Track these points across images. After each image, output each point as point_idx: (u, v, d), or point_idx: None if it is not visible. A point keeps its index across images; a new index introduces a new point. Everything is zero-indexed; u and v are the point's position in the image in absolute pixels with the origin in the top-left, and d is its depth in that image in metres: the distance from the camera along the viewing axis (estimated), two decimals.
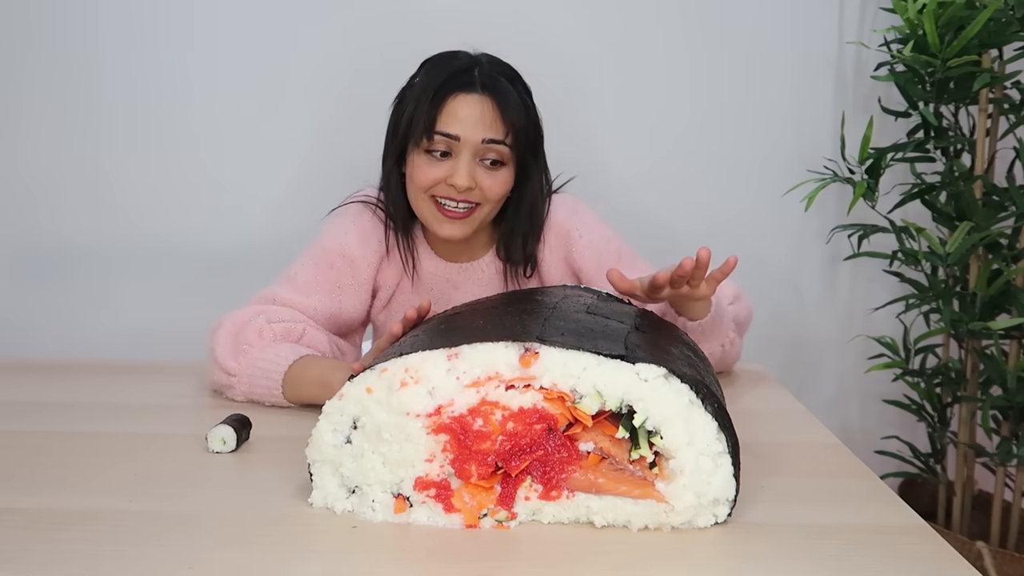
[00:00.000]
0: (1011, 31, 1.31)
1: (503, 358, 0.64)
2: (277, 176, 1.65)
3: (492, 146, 1.06)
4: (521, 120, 1.09)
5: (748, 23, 1.62)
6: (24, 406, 0.97)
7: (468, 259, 1.20)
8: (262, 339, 1.02)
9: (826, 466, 0.81)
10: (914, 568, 0.60)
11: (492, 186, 1.08)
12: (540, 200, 1.15)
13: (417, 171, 1.08)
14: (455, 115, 1.05)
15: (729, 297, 1.12)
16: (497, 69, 1.10)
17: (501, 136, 1.06)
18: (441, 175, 1.06)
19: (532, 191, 1.14)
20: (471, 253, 1.20)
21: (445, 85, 1.06)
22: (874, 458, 1.58)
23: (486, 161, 1.07)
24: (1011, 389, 1.35)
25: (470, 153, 1.06)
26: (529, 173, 1.13)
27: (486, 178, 1.07)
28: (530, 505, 0.66)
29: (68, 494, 0.71)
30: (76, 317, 1.67)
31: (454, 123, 1.05)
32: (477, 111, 1.06)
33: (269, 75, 1.62)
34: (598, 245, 1.17)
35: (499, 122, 1.06)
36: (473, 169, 1.06)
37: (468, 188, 1.06)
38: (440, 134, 1.05)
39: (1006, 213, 1.37)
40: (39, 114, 1.62)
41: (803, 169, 1.60)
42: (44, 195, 1.65)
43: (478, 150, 1.06)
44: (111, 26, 1.60)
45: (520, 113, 1.09)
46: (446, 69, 1.08)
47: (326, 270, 1.14)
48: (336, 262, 1.14)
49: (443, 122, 1.05)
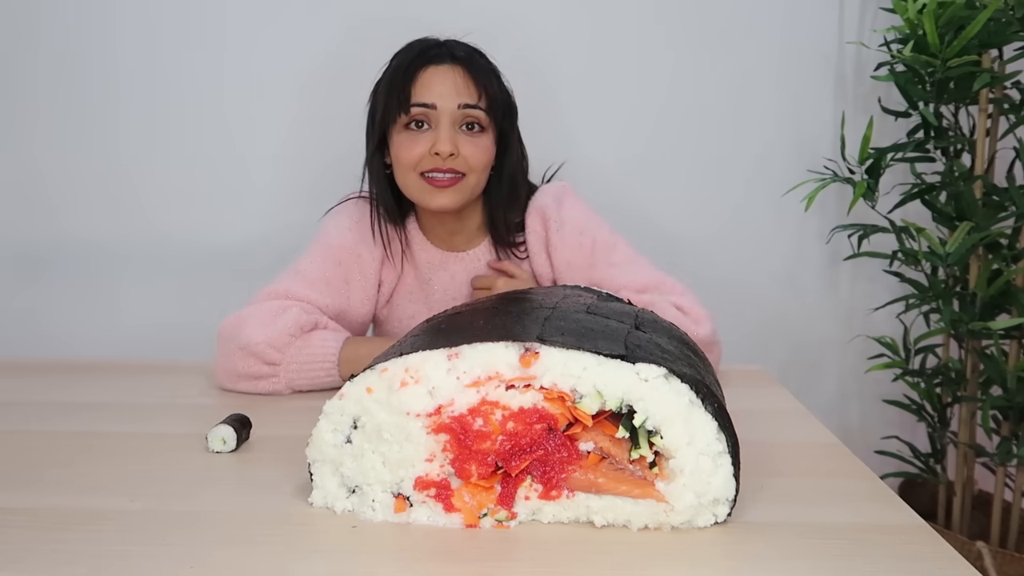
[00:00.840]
0: (1011, 31, 1.31)
1: (503, 358, 0.64)
2: (279, 176, 1.65)
3: (469, 111, 1.09)
4: (493, 86, 1.12)
5: (748, 23, 1.62)
6: (24, 406, 0.97)
7: (464, 247, 1.21)
8: (303, 330, 1.05)
9: (826, 466, 0.81)
10: (914, 568, 0.60)
11: (474, 152, 1.10)
12: (520, 171, 1.18)
13: (401, 150, 1.10)
14: (429, 86, 1.09)
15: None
16: (464, 45, 1.14)
17: (476, 100, 1.10)
18: (424, 147, 1.09)
19: (511, 162, 1.17)
20: (466, 240, 1.21)
21: (416, 60, 1.10)
22: (874, 458, 1.58)
23: (465, 128, 1.10)
24: (1011, 389, 1.35)
25: (449, 120, 1.09)
26: (508, 144, 1.16)
27: (468, 145, 1.10)
28: (530, 505, 0.66)
29: (69, 494, 0.72)
30: (77, 317, 1.68)
31: (428, 93, 1.08)
32: (450, 79, 1.09)
33: (273, 74, 1.62)
34: (570, 239, 1.17)
35: (472, 87, 1.10)
36: (454, 136, 1.09)
37: (451, 155, 1.08)
38: (416, 105, 1.08)
39: (1006, 213, 1.37)
40: (40, 115, 1.63)
41: (803, 169, 1.60)
42: (44, 195, 1.65)
43: (456, 116, 1.09)
44: (117, 26, 1.60)
45: (491, 80, 1.12)
46: (414, 49, 1.12)
47: (334, 267, 1.15)
48: (343, 258, 1.16)
49: (418, 93, 1.09)
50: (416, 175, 1.10)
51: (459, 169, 1.09)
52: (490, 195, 1.18)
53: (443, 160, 1.08)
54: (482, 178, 1.13)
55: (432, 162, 1.09)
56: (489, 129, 1.12)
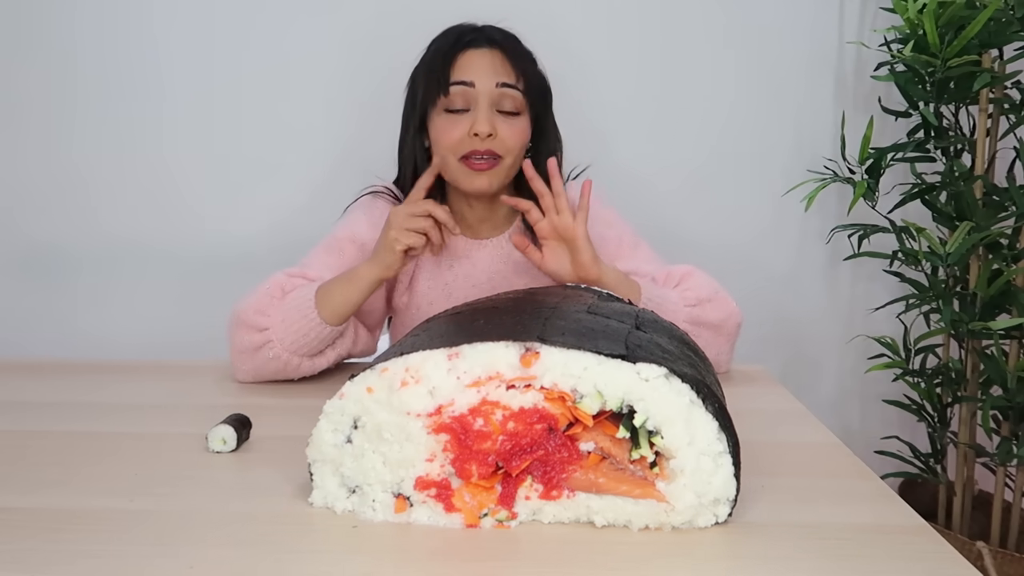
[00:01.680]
0: (1011, 31, 1.31)
1: (504, 358, 0.64)
2: (279, 177, 1.65)
3: (507, 91, 1.11)
4: (531, 68, 1.15)
5: (748, 23, 1.62)
6: (24, 406, 0.97)
7: (489, 234, 1.22)
8: (284, 291, 1.07)
9: (826, 466, 0.81)
10: (914, 568, 0.60)
11: (511, 135, 1.12)
12: (555, 155, 1.19)
13: (441, 133, 1.12)
14: (467, 66, 1.11)
15: (690, 300, 1.09)
16: (501, 30, 1.16)
17: (513, 80, 1.12)
18: (463, 130, 1.10)
19: (547, 147, 1.18)
20: (492, 226, 1.22)
21: (455, 45, 1.13)
22: (874, 458, 1.58)
23: (503, 112, 1.12)
24: (1011, 389, 1.35)
25: (487, 100, 1.10)
26: (544, 129, 1.18)
27: (504, 126, 1.11)
28: (530, 505, 0.66)
29: (68, 494, 0.71)
30: (76, 317, 1.67)
31: (467, 72, 1.11)
32: (487, 60, 1.12)
33: (270, 76, 1.62)
34: (599, 229, 1.18)
35: (510, 68, 1.12)
36: (492, 117, 1.11)
37: (489, 135, 1.10)
38: (456, 83, 1.10)
39: (1006, 213, 1.37)
40: (39, 115, 1.62)
41: (803, 169, 1.60)
42: (44, 195, 1.65)
43: (494, 96, 1.11)
44: (112, 26, 1.60)
45: (529, 62, 1.15)
46: (453, 34, 1.15)
47: (337, 256, 1.16)
48: (345, 248, 1.17)
49: (457, 73, 1.11)
50: (456, 158, 1.12)
51: (496, 151, 1.11)
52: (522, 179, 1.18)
53: (481, 141, 1.10)
54: (518, 161, 1.15)
55: (471, 144, 1.10)
56: (525, 112, 1.14)
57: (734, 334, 1.13)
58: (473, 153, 1.11)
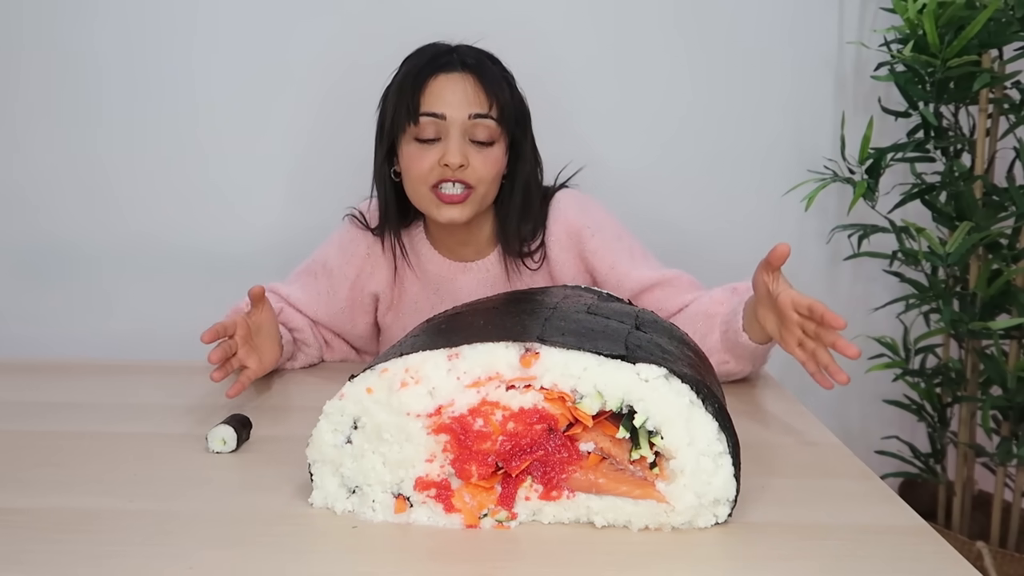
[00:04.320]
0: (1011, 31, 1.31)
1: (504, 358, 0.64)
2: (278, 178, 1.65)
3: (480, 121, 1.07)
4: (505, 94, 1.09)
5: (748, 23, 1.62)
6: (24, 406, 0.97)
7: (473, 257, 1.19)
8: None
9: (826, 466, 0.81)
10: (914, 568, 0.60)
11: (484, 164, 1.08)
12: (533, 181, 1.16)
13: (411, 161, 1.08)
14: (439, 95, 1.06)
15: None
16: (475, 52, 1.11)
17: (486, 110, 1.07)
18: (434, 159, 1.06)
19: (524, 171, 1.14)
20: (476, 251, 1.19)
21: (425, 68, 1.08)
22: (874, 458, 1.58)
23: (476, 142, 1.07)
24: (1011, 389, 1.35)
25: (459, 131, 1.06)
26: (521, 152, 1.13)
27: (477, 157, 1.07)
28: (530, 505, 0.66)
29: (69, 494, 0.71)
30: (76, 317, 1.67)
31: (438, 103, 1.06)
32: (460, 88, 1.06)
33: (269, 75, 1.62)
34: (611, 244, 1.16)
35: (483, 96, 1.07)
36: (464, 147, 1.06)
37: (460, 166, 1.06)
38: (426, 115, 1.06)
39: (1006, 213, 1.37)
40: (40, 115, 1.62)
41: (803, 169, 1.60)
42: (44, 195, 1.64)
43: (466, 127, 1.07)
44: (114, 27, 1.60)
45: (503, 88, 1.10)
46: (425, 55, 1.10)
47: (313, 278, 1.20)
48: (318, 272, 1.20)
49: (427, 103, 1.06)
50: (426, 188, 1.08)
51: (469, 181, 1.07)
52: (502, 204, 1.15)
53: (452, 171, 1.06)
54: (492, 189, 1.11)
55: (441, 173, 1.06)
56: (500, 140, 1.09)
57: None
58: (443, 182, 1.07)
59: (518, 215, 1.15)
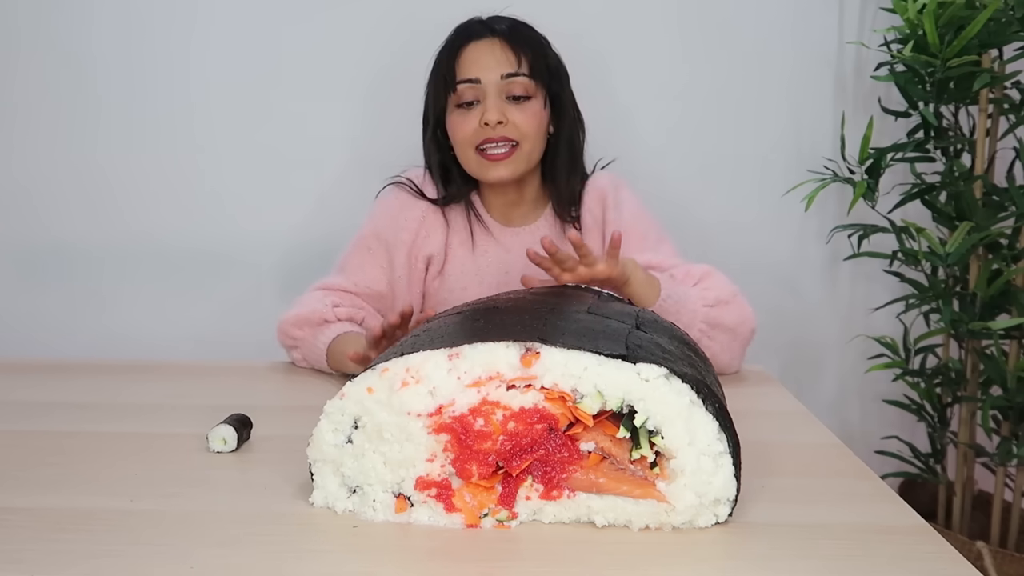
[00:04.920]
0: (1011, 31, 1.31)
1: (504, 358, 0.64)
2: (278, 179, 1.65)
3: (513, 79, 1.13)
4: (535, 52, 1.16)
5: (748, 23, 1.62)
6: (24, 406, 0.97)
7: (521, 222, 1.23)
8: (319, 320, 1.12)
9: (826, 466, 0.81)
10: (914, 568, 0.60)
11: (524, 119, 1.14)
12: (576, 135, 1.22)
13: (455, 128, 1.16)
14: (473, 61, 1.14)
15: (709, 300, 1.09)
16: (505, 19, 1.19)
17: (516, 67, 1.14)
18: (475, 121, 1.14)
19: (567, 126, 1.20)
20: (524, 215, 1.24)
21: (457, 40, 1.16)
22: (874, 458, 1.58)
23: (513, 98, 1.14)
24: (1011, 389, 1.35)
25: (495, 91, 1.13)
26: (562, 109, 1.19)
27: (516, 112, 1.14)
28: (531, 505, 0.66)
29: (69, 494, 0.71)
30: (76, 317, 1.67)
31: (472, 68, 1.14)
32: (490, 51, 1.14)
33: (270, 76, 1.62)
34: (627, 222, 1.20)
35: (511, 55, 1.14)
36: (501, 105, 1.13)
37: (499, 123, 1.12)
38: (462, 81, 1.13)
39: (1006, 213, 1.37)
40: (40, 114, 1.62)
41: (803, 169, 1.60)
42: (44, 195, 1.64)
43: (501, 87, 1.13)
44: (113, 26, 1.60)
45: (533, 44, 1.17)
46: (458, 30, 1.18)
47: (366, 254, 1.21)
48: (372, 245, 1.21)
49: (462, 70, 1.14)
50: (473, 151, 1.15)
51: (511, 137, 1.13)
52: (548, 162, 1.21)
53: (493, 129, 1.12)
54: (537, 144, 1.16)
55: (484, 133, 1.13)
56: (537, 94, 1.15)
57: (748, 338, 1.13)
58: (487, 142, 1.13)
59: (567, 169, 1.21)
